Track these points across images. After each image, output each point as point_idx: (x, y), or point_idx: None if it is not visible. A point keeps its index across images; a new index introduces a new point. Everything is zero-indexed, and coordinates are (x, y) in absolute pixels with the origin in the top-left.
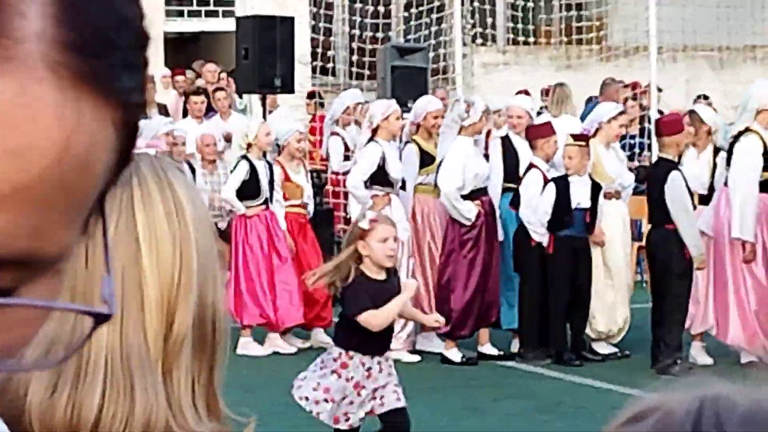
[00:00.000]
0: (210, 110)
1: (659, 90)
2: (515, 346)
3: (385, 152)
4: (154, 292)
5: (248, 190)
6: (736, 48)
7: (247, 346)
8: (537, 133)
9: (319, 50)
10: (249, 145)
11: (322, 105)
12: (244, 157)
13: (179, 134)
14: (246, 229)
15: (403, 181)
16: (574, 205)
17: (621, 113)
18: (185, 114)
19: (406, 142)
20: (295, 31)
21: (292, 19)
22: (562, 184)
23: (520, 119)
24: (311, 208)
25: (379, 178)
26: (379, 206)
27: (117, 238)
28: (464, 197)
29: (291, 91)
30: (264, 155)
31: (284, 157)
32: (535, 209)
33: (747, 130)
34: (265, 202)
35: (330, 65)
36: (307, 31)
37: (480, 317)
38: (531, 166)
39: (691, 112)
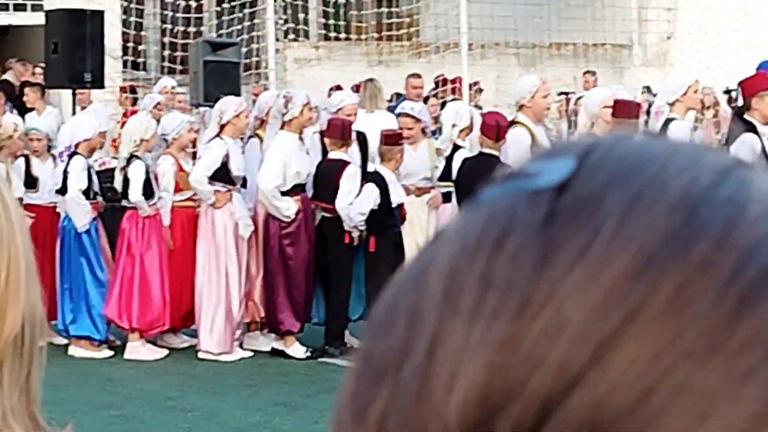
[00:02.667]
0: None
1: (475, 88)
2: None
3: (230, 150)
4: None
5: (146, 189)
6: (543, 45)
7: (137, 350)
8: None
9: (130, 45)
10: (138, 144)
11: (135, 100)
12: (136, 156)
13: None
14: (140, 229)
15: (245, 178)
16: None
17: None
18: None
19: (250, 137)
20: (106, 25)
21: (102, 12)
22: (380, 181)
23: (352, 117)
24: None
25: (222, 175)
26: (222, 203)
27: None
28: (284, 193)
29: (101, 85)
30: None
31: (175, 149)
32: (355, 205)
33: (514, 122)
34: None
35: (141, 60)
36: (118, 25)
37: (307, 312)
38: (344, 162)
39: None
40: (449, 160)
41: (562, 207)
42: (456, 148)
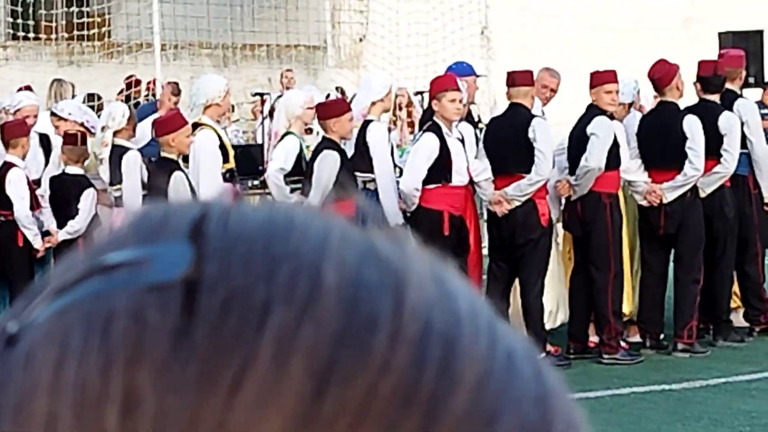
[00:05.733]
0: None
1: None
2: None
3: None
4: None
5: None
6: (237, 46)
7: None
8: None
9: None
10: None
11: None
12: None
13: None
14: None
15: None
16: None
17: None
18: None
19: None
20: None
21: None
22: None
23: (31, 118)
24: None
25: None
26: None
27: None
28: None
29: None
30: None
31: None
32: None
33: (198, 124)
34: None
35: None
36: None
37: None
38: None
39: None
40: (116, 163)
41: (202, 309)
42: (124, 150)
